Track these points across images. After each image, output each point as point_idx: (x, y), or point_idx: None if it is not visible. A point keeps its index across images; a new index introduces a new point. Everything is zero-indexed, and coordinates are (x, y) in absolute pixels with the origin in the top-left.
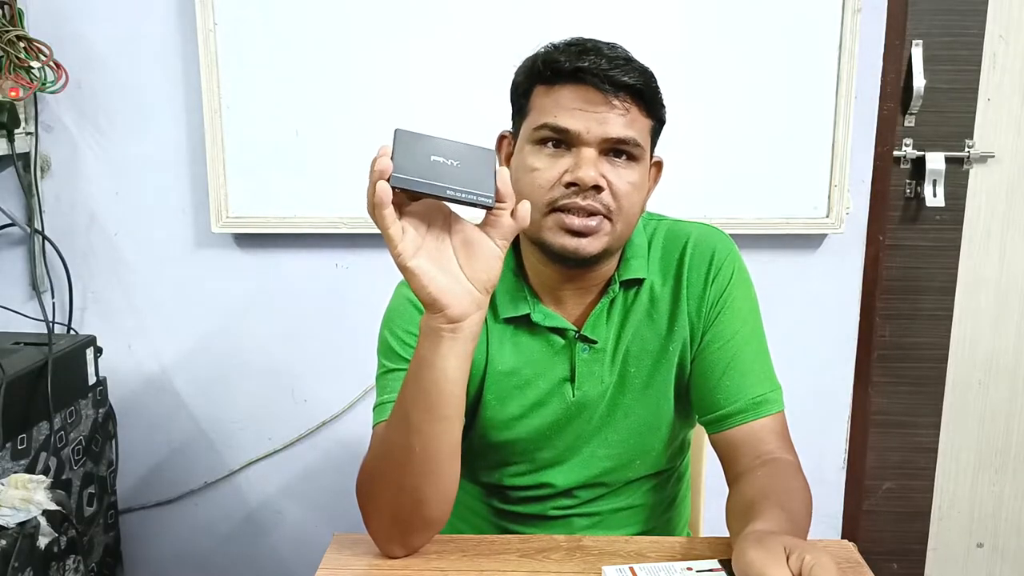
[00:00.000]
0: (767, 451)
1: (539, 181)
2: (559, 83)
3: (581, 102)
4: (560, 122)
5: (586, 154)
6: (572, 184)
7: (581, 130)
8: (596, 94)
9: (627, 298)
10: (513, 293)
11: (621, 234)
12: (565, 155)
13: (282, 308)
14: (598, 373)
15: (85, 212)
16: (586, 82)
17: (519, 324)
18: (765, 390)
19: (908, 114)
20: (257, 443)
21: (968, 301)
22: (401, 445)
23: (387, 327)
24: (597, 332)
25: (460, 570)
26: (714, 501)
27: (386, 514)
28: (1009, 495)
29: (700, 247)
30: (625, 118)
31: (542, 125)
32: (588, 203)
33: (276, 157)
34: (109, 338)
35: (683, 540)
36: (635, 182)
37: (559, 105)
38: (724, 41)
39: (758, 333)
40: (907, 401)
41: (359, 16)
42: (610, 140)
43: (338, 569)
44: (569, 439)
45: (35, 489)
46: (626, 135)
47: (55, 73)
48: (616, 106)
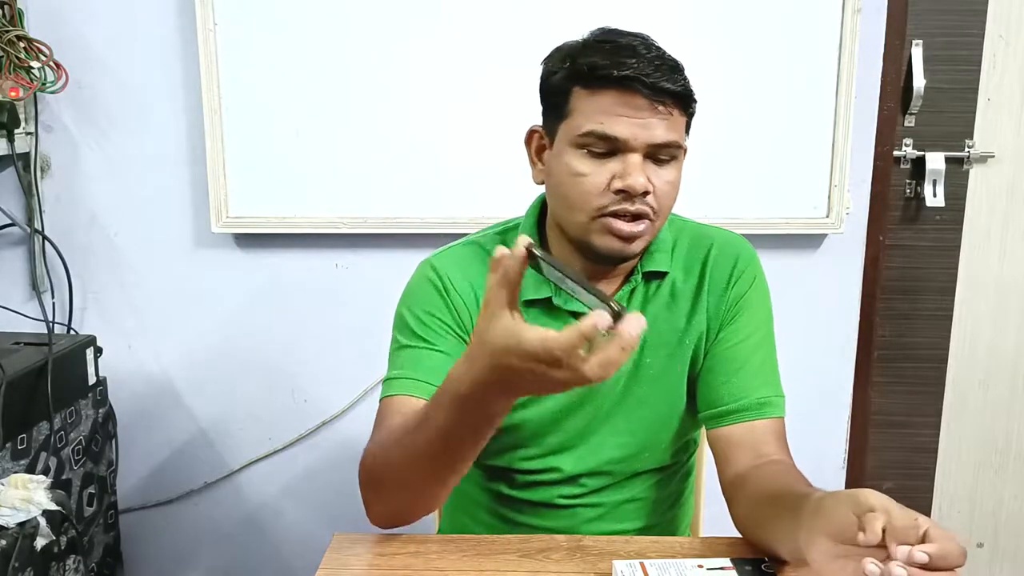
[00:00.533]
0: (768, 452)
1: (586, 187)
2: (602, 87)
3: (626, 108)
4: (607, 130)
5: (633, 160)
6: (621, 191)
7: (628, 137)
8: (641, 100)
9: (648, 289)
10: (535, 276)
11: (658, 228)
12: (610, 160)
13: (282, 308)
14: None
15: (85, 212)
16: (631, 88)
17: (539, 307)
18: (770, 393)
19: (908, 114)
20: (257, 443)
21: (968, 301)
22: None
23: (405, 304)
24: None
25: (460, 570)
26: (714, 501)
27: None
28: (1009, 495)
29: (725, 250)
30: (668, 122)
31: (588, 132)
32: (637, 207)
33: (276, 157)
34: (109, 338)
35: (684, 540)
36: (674, 180)
37: (604, 112)
38: (724, 41)
39: (770, 341)
40: (907, 401)
41: (359, 16)
42: (655, 145)
43: (338, 569)
44: (579, 424)
45: (35, 489)
46: (670, 139)
47: (55, 73)
48: (660, 111)
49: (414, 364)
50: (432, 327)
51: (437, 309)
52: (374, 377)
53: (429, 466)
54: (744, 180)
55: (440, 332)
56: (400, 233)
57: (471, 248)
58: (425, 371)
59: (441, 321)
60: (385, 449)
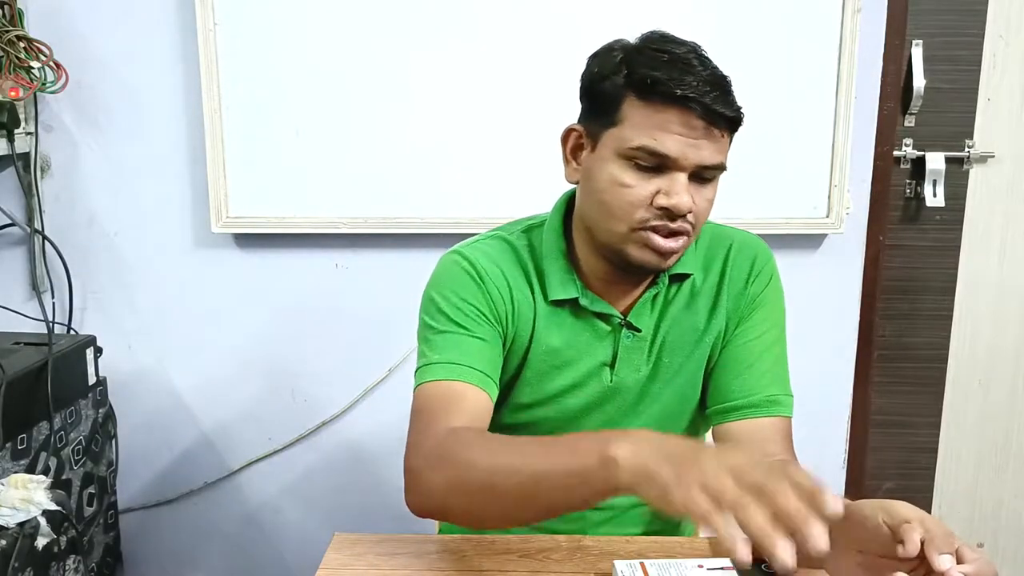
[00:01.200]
0: (773, 452)
1: (630, 199)
2: (659, 102)
3: (681, 127)
4: (659, 147)
5: (680, 179)
6: (664, 208)
7: (679, 156)
8: (696, 120)
9: (669, 290)
10: (563, 276)
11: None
12: (655, 176)
13: (282, 308)
14: (636, 361)
15: (85, 212)
16: (688, 108)
17: (566, 307)
18: (779, 392)
19: (908, 114)
20: (257, 443)
21: (968, 301)
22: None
23: (436, 289)
24: (641, 320)
25: (460, 570)
26: None
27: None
28: (1009, 495)
29: (744, 249)
30: (718, 144)
31: (639, 147)
32: (679, 225)
33: (276, 157)
34: (109, 338)
35: (684, 540)
36: (711, 199)
37: (659, 127)
38: (724, 41)
39: (783, 341)
40: (907, 401)
41: (359, 16)
42: (702, 167)
43: (338, 569)
44: (597, 423)
45: (35, 489)
46: (717, 161)
47: (55, 73)
48: (714, 134)
49: (452, 349)
50: (469, 314)
51: (472, 296)
52: (374, 377)
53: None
54: (744, 180)
55: (477, 319)
56: (400, 233)
57: (499, 243)
58: (468, 356)
59: (477, 309)
60: (477, 449)
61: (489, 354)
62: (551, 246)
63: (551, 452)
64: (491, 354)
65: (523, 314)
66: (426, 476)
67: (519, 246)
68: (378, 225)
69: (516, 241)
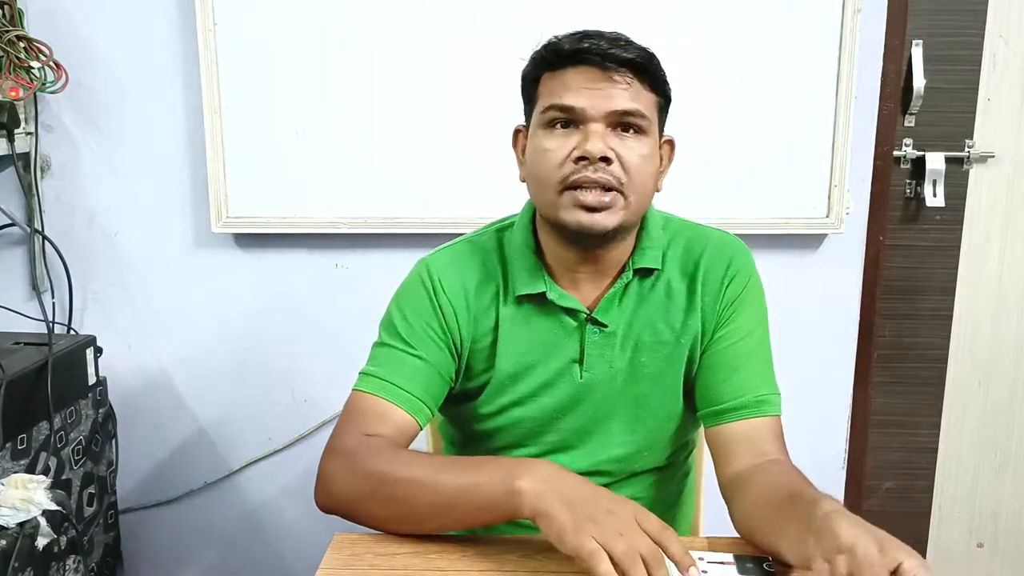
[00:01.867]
0: (767, 451)
1: (551, 160)
2: (563, 66)
3: (585, 80)
4: (566, 101)
5: (593, 128)
6: (582, 159)
7: (586, 106)
8: (598, 72)
9: (643, 288)
10: (530, 272)
11: (635, 208)
12: (574, 133)
13: (282, 308)
14: (608, 357)
15: (85, 212)
16: (588, 62)
17: (533, 303)
18: (768, 392)
19: (908, 114)
20: (257, 443)
21: (968, 301)
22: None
23: (396, 302)
24: (608, 316)
25: (460, 570)
26: (714, 501)
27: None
28: (1009, 495)
29: (720, 251)
30: (628, 92)
31: (549, 107)
32: (599, 175)
33: (276, 157)
34: (109, 338)
35: (684, 540)
36: (645, 154)
37: (564, 86)
38: (724, 41)
39: (766, 341)
40: (907, 401)
41: (359, 16)
42: (615, 113)
43: (338, 569)
44: (576, 423)
45: (35, 489)
46: (630, 107)
47: (55, 73)
48: (618, 81)
49: (392, 366)
50: (417, 331)
51: (425, 312)
52: None
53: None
54: (744, 180)
55: (424, 337)
56: (400, 233)
57: (468, 247)
58: (402, 376)
59: (427, 325)
60: (393, 463)
61: (427, 377)
62: (519, 243)
63: (462, 475)
64: (430, 377)
65: (482, 321)
66: (338, 479)
67: (488, 248)
68: (378, 225)
69: (486, 243)
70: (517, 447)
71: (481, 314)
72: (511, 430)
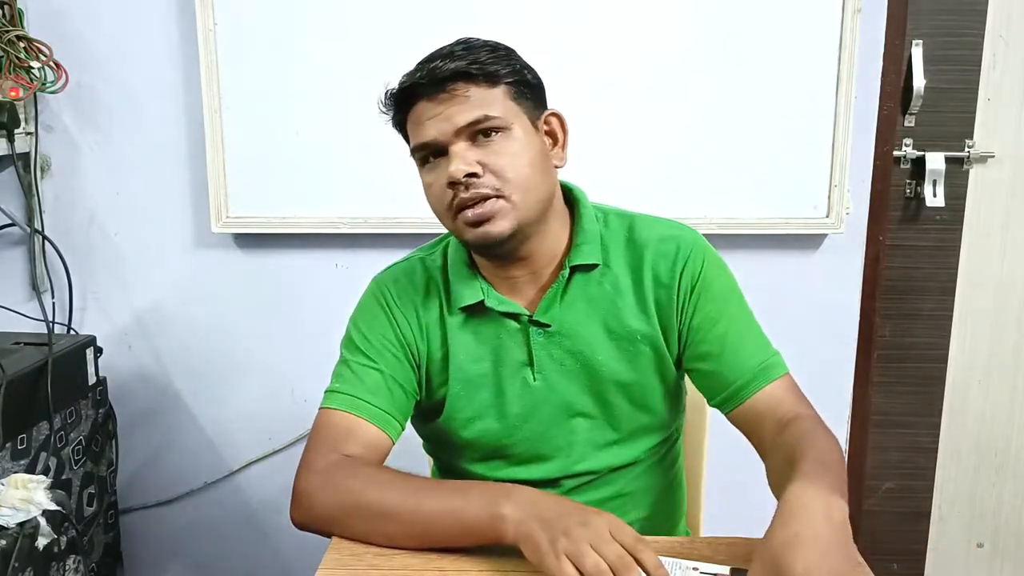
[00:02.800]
0: (785, 412)
1: (435, 193)
2: (409, 106)
3: (424, 113)
4: (420, 139)
5: (453, 151)
6: (452, 184)
7: (436, 135)
8: (426, 102)
9: (587, 284)
10: (467, 283)
11: (527, 203)
12: (443, 161)
13: (282, 308)
14: (557, 357)
15: (85, 212)
16: (421, 94)
17: (475, 313)
18: (765, 357)
19: (908, 114)
20: (257, 443)
21: (968, 301)
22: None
23: (354, 321)
24: (550, 316)
25: (460, 570)
26: (714, 501)
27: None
28: (1009, 495)
29: (664, 243)
30: (469, 101)
31: (413, 149)
32: (472, 192)
33: (276, 157)
34: (109, 338)
35: (684, 540)
36: (515, 151)
37: (417, 123)
38: (724, 41)
39: (744, 310)
40: (907, 401)
41: (359, 16)
42: (463, 129)
43: (338, 569)
44: (540, 427)
45: (35, 489)
46: (473, 116)
47: (55, 73)
48: (451, 98)
49: (356, 381)
50: (375, 344)
51: (381, 326)
52: None
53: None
54: (744, 180)
55: (382, 350)
56: (400, 233)
57: (416, 264)
58: (366, 390)
59: (384, 338)
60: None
61: (391, 390)
62: (455, 257)
63: (444, 499)
64: (394, 390)
65: (432, 335)
66: (315, 498)
67: (431, 264)
68: (378, 225)
69: (429, 258)
70: (491, 459)
71: (431, 327)
72: (480, 443)
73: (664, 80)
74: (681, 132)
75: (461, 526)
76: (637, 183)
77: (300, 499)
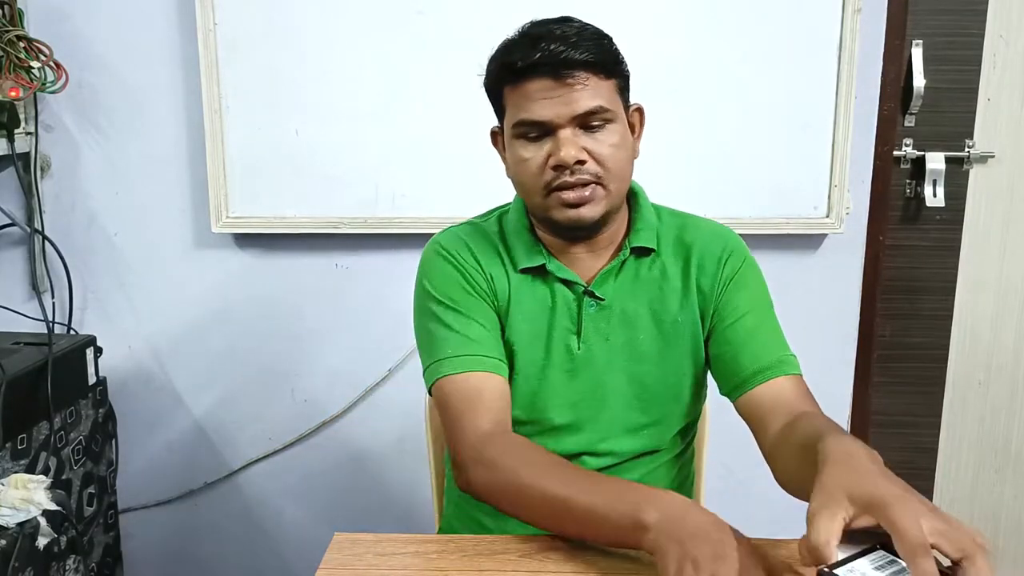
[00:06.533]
0: (794, 407)
1: (531, 169)
2: (521, 80)
3: (544, 91)
4: (531, 116)
5: (563, 135)
6: (558, 166)
7: (552, 116)
8: (550, 81)
9: (639, 267)
10: (528, 247)
11: (617, 192)
12: (547, 141)
13: (282, 308)
14: (604, 330)
15: (85, 212)
16: (543, 73)
17: (535, 275)
18: (785, 353)
19: (908, 114)
20: (257, 443)
21: (968, 301)
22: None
23: (428, 281)
24: (604, 290)
25: (460, 570)
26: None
27: (507, 504)
28: (1009, 495)
29: (713, 237)
30: (587, 90)
31: (518, 122)
32: (577, 178)
33: (276, 157)
34: (109, 338)
35: None
36: (616, 143)
37: (527, 99)
38: (724, 41)
39: (772, 313)
40: (907, 401)
41: (359, 16)
42: (579, 116)
43: (338, 569)
44: (576, 396)
45: (35, 489)
46: (592, 106)
47: (55, 73)
48: (576, 83)
49: (462, 340)
50: (460, 299)
51: (458, 280)
52: (374, 377)
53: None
54: (744, 180)
55: (469, 301)
56: (400, 233)
57: (471, 228)
58: (473, 344)
59: (465, 290)
60: (529, 472)
61: (490, 335)
62: (515, 224)
63: (595, 495)
64: (492, 334)
65: (500, 284)
66: (471, 473)
67: (489, 229)
68: (378, 225)
69: (486, 225)
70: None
71: (496, 278)
72: (518, 399)
73: (664, 80)
74: (681, 132)
75: (605, 528)
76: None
77: (459, 474)
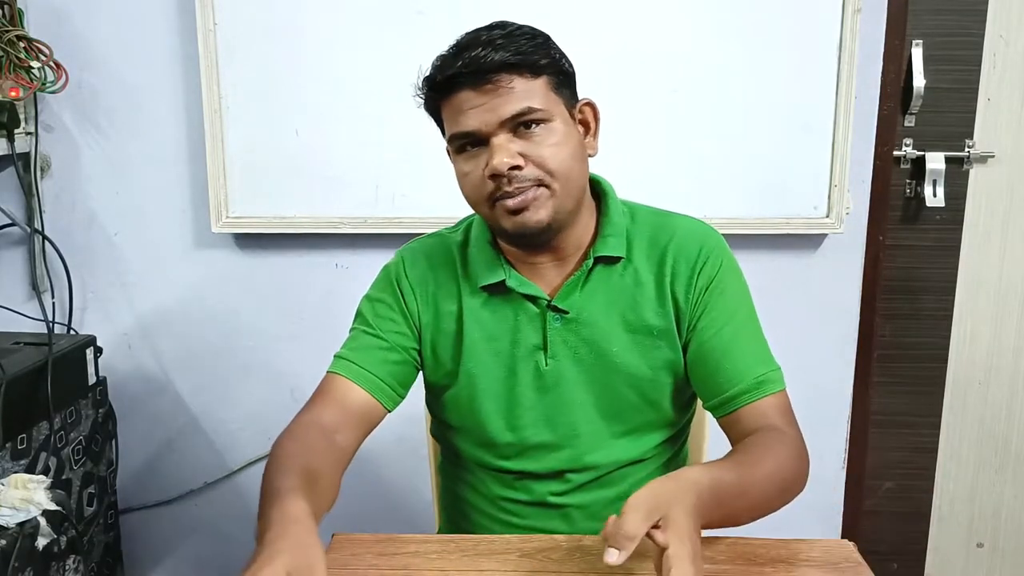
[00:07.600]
0: (769, 425)
1: (473, 182)
2: (449, 93)
3: (467, 102)
4: (460, 128)
5: (495, 143)
6: (494, 175)
7: (479, 125)
8: (473, 91)
9: (609, 275)
10: (489, 262)
11: (566, 192)
12: (483, 151)
13: (282, 308)
14: (572, 344)
15: (85, 212)
16: (465, 83)
17: (495, 292)
18: (766, 370)
19: (908, 114)
20: (257, 443)
21: (968, 301)
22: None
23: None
24: (569, 303)
25: (460, 570)
26: None
27: None
28: (1009, 495)
29: (688, 240)
30: (513, 93)
31: (451, 137)
32: (515, 185)
33: (276, 157)
34: (109, 338)
35: None
36: (556, 142)
37: (458, 111)
38: (724, 41)
39: (753, 319)
40: (907, 401)
41: (359, 16)
42: (507, 120)
43: (338, 569)
44: (548, 412)
45: (35, 489)
46: (519, 108)
47: (55, 73)
48: (497, 89)
49: (359, 349)
50: (381, 315)
51: (385, 295)
52: None
53: None
54: (744, 180)
55: (384, 318)
56: (400, 233)
57: (437, 240)
58: (366, 358)
59: (386, 306)
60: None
61: (388, 358)
62: (477, 236)
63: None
64: (391, 358)
65: (443, 308)
66: (271, 459)
67: (452, 241)
68: (378, 225)
69: (452, 236)
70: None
71: (442, 301)
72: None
73: (664, 80)
74: (681, 132)
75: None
76: (637, 183)
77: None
